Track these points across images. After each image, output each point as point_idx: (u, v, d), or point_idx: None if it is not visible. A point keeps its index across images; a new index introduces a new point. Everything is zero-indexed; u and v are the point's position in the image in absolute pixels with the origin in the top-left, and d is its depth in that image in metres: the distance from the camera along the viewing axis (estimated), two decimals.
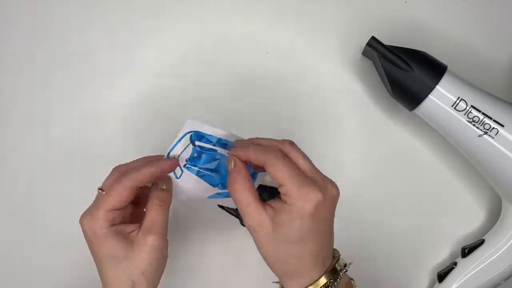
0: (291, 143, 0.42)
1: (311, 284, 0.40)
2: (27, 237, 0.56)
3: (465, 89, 0.47)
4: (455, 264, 0.52)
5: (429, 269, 0.55)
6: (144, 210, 0.44)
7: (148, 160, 0.43)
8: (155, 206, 0.42)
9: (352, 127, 0.56)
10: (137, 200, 0.44)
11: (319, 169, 0.42)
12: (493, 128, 0.47)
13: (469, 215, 0.55)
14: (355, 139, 0.56)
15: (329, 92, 0.56)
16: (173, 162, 0.43)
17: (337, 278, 0.41)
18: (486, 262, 0.51)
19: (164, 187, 0.43)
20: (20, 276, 0.56)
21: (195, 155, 0.44)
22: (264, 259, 0.41)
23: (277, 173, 0.40)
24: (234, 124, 0.56)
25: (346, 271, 0.42)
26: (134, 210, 0.45)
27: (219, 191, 0.46)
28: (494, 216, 0.54)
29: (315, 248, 0.40)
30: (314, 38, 0.56)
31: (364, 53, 0.54)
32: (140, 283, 0.41)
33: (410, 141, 0.55)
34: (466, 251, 0.52)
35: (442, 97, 0.47)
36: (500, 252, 0.50)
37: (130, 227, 0.42)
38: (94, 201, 0.43)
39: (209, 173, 0.45)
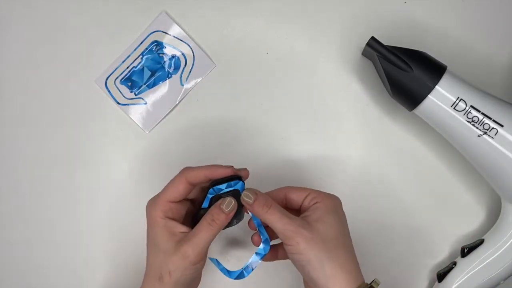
0: None
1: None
2: (30, 237, 0.56)
3: (464, 89, 0.47)
4: (455, 263, 0.52)
5: (428, 269, 0.55)
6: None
7: (212, 164, 0.45)
8: (204, 222, 0.43)
9: (351, 127, 0.56)
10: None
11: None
12: (493, 128, 0.47)
13: (468, 215, 0.55)
14: (355, 139, 0.56)
15: (329, 92, 0.56)
16: (228, 170, 0.45)
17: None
18: (486, 262, 0.51)
19: (224, 208, 0.44)
20: (25, 274, 0.56)
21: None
22: (303, 266, 0.42)
23: (299, 189, 0.46)
24: (232, 125, 0.56)
25: None
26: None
27: None
28: (494, 216, 0.54)
29: (349, 244, 0.44)
30: (314, 38, 0.56)
31: (364, 53, 0.54)
32: (166, 280, 0.43)
33: (409, 141, 0.55)
34: (465, 250, 0.52)
35: (441, 97, 0.47)
36: (500, 251, 0.50)
37: (180, 227, 0.44)
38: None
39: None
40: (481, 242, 0.51)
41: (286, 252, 0.44)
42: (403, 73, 0.48)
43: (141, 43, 0.56)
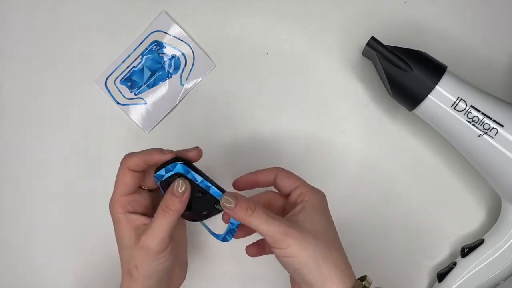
0: None
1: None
2: (30, 237, 0.56)
3: (464, 89, 0.47)
4: (455, 264, 0.52)
5: (428, 269, 0.55)
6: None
7: (149, 148, 0.43)
8: (159, 209, 0.42)
9: (351, 127, 0.56)
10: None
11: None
12: (493, 128, 0.47)
13: (469, 215, 0.55)
14: (355, 139, 0.56)
15: (329, 92, 0.56)
16: (167, 155, 0.42)
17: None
18: (486, 262, 0.51)
19: (180, 191, 0.41)
20: (24, 275, 0.56)
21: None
22: (298, 269, 0.40)
23: (291, 178, 0.44)
24: (232, 125, 0.56)
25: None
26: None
27: None
28: (494, 216, 0.54)
29: (339, 241, 0.43)
30: (314, 38, 0.56)
31: (364, 53, 0.54)
32: (135, 275, 0.42)
33: (410, 141, 0.55)
34: (465, 250, 0.52)
35: (441, 97, 0.47)
36: (500, 252, 0.50)
37: (142, 219, 0.43)
38: None
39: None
40: (481, 242, 0.51)
41: None
42: (403, 73, 0.48)
43: (141, 43, 0.56)
